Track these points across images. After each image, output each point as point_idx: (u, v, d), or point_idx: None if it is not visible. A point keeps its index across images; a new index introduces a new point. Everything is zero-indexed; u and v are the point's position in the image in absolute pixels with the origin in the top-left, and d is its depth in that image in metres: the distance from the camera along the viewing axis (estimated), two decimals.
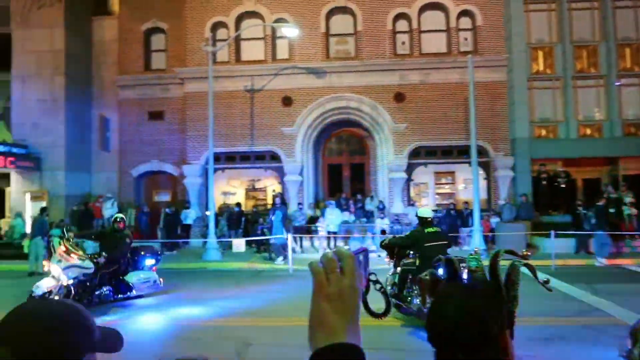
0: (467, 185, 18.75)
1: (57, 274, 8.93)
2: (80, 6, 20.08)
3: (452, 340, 1.08)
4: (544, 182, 17.58)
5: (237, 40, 19.12)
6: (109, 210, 18.17)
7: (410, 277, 7.81)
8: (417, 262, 7.77)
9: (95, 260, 9.36)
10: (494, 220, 16.65)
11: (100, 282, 9.49)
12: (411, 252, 8.03)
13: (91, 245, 11.79)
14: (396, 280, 8.06)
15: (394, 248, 8.24)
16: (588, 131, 18.51)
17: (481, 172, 17.85)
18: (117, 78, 20.20)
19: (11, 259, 15.50)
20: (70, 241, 9.49)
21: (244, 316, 8.66)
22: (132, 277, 9.84)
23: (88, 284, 9.30)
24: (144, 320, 8.52)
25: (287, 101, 18.91)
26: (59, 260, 8.95)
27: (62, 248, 9.13)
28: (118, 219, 10.09)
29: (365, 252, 0.98)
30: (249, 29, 18.67)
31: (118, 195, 19.48)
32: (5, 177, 19.16)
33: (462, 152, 18.14)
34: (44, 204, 18.47)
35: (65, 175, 18.94)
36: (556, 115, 18.63)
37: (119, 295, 9.73)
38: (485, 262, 1.17)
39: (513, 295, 1.15)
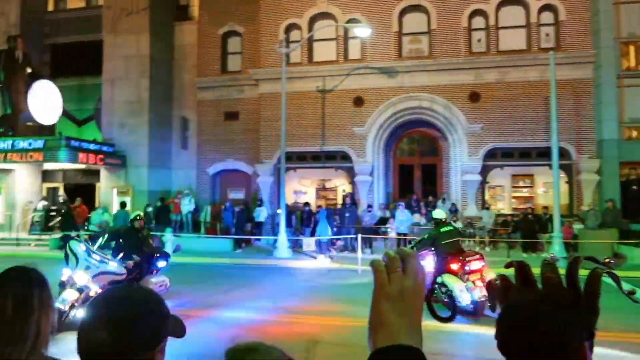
0: (547, 189, 17.78)
1: (83, 282, 7.71)
2: (163, 13, 21.28)
3: (525, 351, 1.03)
4: (634, 187, 16.29)
5: (310, 41, 19.38)
6: (186, 206, 19.09)
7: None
8: (435, 260, 8.28)
9: (124, 265, 8.32)
10: (577, 226, 15.66)
11: None
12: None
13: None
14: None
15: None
16: None
17: (562, 175, 16.85)
18: (196, 80, 21.17)
19: None
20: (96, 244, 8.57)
21: (311, 314, 8.76)
22: (149, 282, 8.62)
23: None
24: (212, 315, 8.84)
25: (358, 101, 18.90)
26: (88, 267, 7.78)
27: (95, 255, 8.07)
28: (138, 218, 9.07)
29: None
30: (321, 29, 18.85)
31: (195, 192, 20.42)
32: (96, 174, 20.69)
33: (541, 154, 17.24)
34: (128, 198, 19.79)
35: (148, 172, 20.14)
36: None
37: None
38: (563, 270, 1.10)
39: (593, 306, 1.08)
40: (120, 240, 8.85)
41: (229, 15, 20.97)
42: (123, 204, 16.47)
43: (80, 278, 7.68)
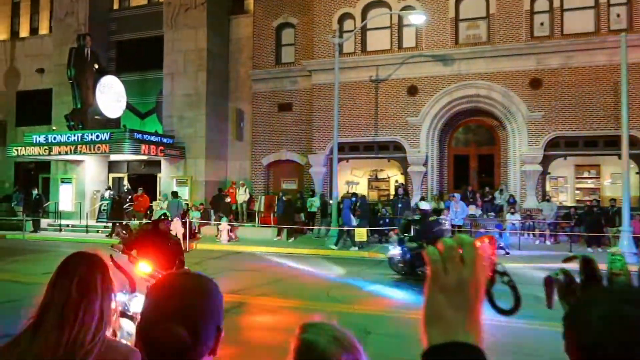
0: (615, 180, 16.68)
1: None
2: (220, 7, 21.77)
3: (596, 353, 0.92)
4: None
5: (363, 30, 19.15)
6: (242, 196, 19.51)
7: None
8: None
9: None
10: None
11: None
12: None
13: None
14: None
15: None
16: None
17: (632, 165, 15.74)
18: (251, 72, 21.52)
19: None
20: None
21: (361, 304, 8.71)
22: None
23: None
24: (264, 303, 8.99)
25: (412, 90, 18.51)
26: None
27: None
28: (163, 218, 6.55)
29: (492, 240, 0.87)
30: (375, 18, 18.56)
31: (250, 183, 20.84)
32: (157, 164, 21.58)
33: (609, 143, 16.19)
34: (187, 188, 20.50)
35: (205, 163, 20.75)
36: None
37: None
38: (634, 267, 0.98)
39: None
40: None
41: (283, 7, 21.12)
42: (174, 193, 17.08)
43: None
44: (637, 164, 16.28)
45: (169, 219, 6.96)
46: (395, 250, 11.29)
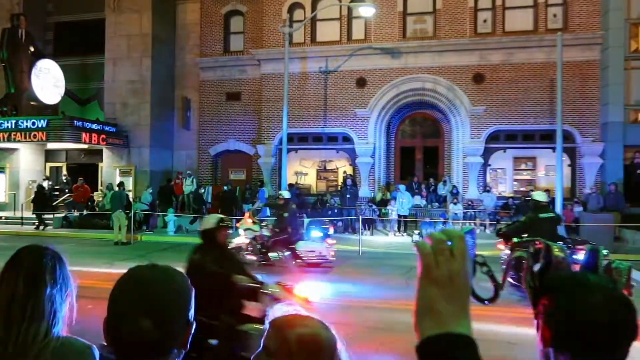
0: (549, 172, 17.65)
1: None
2: None
3: (589, 339, 1.01)
4: (639, 171, 16.11)
5: (313, 21, 19.13)
6: (188, 187, 19.13)
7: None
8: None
9: None
10: (577, 209, 15.56)
11: None
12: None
13: None
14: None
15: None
16: None
17: (565, 158, 16.70)
18: (198, 60, 21.02)
19: (104, 229, 16.80)
20: None
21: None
22: None
23: None
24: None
25: (361, 82, 18.73)
26: None
27: None
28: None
29: (472, 232, 0.91)
30: (325, 9, 18.57)
31: (197, 173, 20.44)
32: (99, 153, 20.74)
33: (545, 137, 17.10)
34: (130, 179, 19.86)
35: (150, 152, 20.14)
36: None
37: None
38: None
39: None
40: None
41: None
42: (120, 184, 16.54)
43: None
44: (570, 157, 17.27)
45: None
46: (241, 239, 11.04)
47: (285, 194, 11.99)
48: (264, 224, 11.60)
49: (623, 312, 1.03)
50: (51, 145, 20.55)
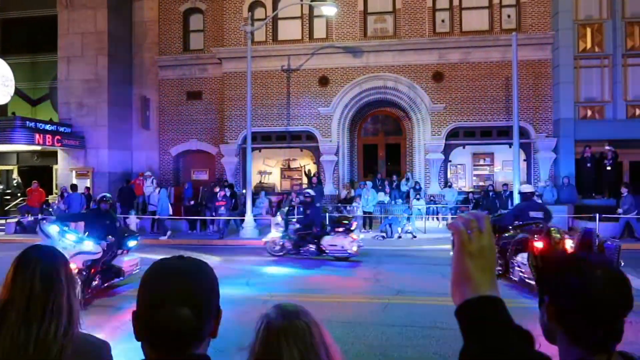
0: (506, 167, 18.31)
1: None
2: None
3: (599, 312, 1.11)
4: (589, 164, 16.95)
5: (275, 19, 19.09)
6: (149, 187, 18.67)
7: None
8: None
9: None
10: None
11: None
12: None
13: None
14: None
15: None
16: (637, 111, 17.66)
17: (521, 153, 17.36)
18: (157, 58, 20.57)
19: None
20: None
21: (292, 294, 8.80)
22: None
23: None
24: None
25: (323, 81, 18.83)
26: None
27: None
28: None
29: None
30: (286, 8, 18.56)
31: (158, 173, 19.99)
32: (53, 155, 19.93)
33: (502, 133, 17.73)
34: (88, 181, 19.20)
35: (108, 154, 19.55)
36: (603, 95, 17.84)
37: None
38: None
39: None
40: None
41: None
42: (74, 187, 16.03)
43: None
44: (525, 152, 17.97)
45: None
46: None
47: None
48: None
49: (622, 287, 1.14)
50: (1, 148, 19.59)
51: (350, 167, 19.41)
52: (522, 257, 8.01)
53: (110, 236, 8.45)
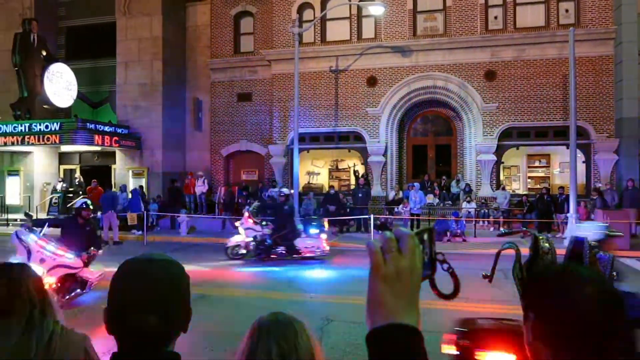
0: (563, 169, 17.49)
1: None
2: None
3: (588, 327, 1.00)
4: None
5: (323, 20, 19.14)
6: (200, 187, 19.21)
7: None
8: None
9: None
10: (599, 204, 15.36)
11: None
12: None
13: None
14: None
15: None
16: None
17: (579, 154, 16.54)
18: (209, 62, 21.11)
19: (122, 230, 16.84)
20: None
21: (326, 293, 8.80)
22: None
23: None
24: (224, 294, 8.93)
25: (371, 81, 18.69)
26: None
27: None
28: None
29: (429, 231, 0.94)
30: (334, 8, 18.56)
31: (209, 173, 20.52)
32: (112, 155, 20.89)
33: (559, 134, 16.95)
34: (143, 180, 19.99)
35: (162, 154, 20.26)
36: None
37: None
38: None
39: None
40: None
41: None
42: (111, 187, 16.78)
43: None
44: (584, 154, 17.11)
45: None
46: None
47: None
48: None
49: (613, 305, 1.02)
50: (65, 148, 20.72)
51: (399, 168, 19.16)
52: None
53: (92, 247, 7.83)
